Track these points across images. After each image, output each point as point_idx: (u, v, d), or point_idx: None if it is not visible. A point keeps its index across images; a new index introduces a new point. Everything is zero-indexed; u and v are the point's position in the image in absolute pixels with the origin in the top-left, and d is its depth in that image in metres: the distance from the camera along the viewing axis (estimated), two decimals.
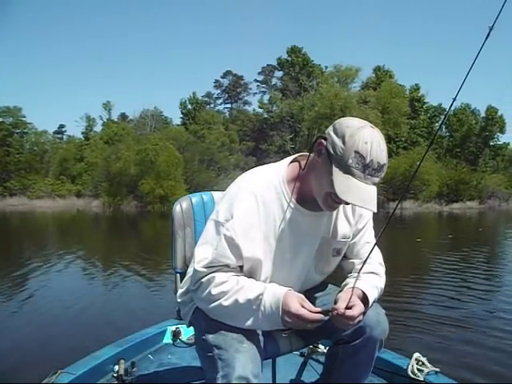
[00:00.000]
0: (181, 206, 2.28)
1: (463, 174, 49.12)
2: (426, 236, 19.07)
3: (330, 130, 1.70)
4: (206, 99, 65.64)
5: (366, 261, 1.74)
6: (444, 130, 60.00)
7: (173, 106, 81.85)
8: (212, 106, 66.38)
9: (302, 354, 2.87)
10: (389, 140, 51.47)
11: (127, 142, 45.85)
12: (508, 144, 60.35)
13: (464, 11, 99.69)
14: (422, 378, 2.44)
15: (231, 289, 1.67)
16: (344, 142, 1.62)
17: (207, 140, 49.89)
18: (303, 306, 1.65)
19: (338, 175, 1.63)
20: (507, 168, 58.32)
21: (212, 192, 2.40)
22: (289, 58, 59.17)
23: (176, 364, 2.85)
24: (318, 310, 1.66)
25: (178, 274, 2.19)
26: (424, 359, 2.58)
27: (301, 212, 1.83)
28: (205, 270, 1.70)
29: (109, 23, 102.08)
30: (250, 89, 67.55)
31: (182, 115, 60.41)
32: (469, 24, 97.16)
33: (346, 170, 1.62)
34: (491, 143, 58.09)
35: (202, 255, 1.74)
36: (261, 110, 60.83)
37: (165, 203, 41.07)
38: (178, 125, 58.62)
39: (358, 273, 1.76)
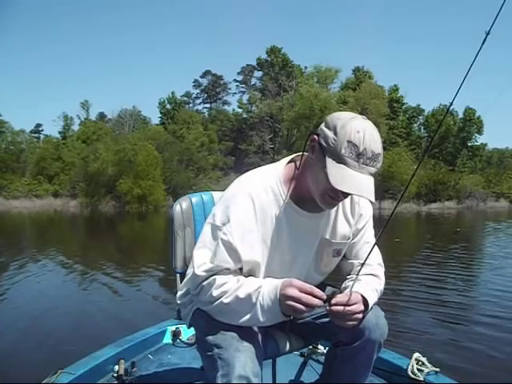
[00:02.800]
0: (180, 206, 2.28)
1: (441, 174, 49.58)
2: (405, 236, 19.07)
3: (322, 125, 1.69)
4: (185, 99, 65.52)
5: (364, 262, 1.74)
6: (422, 130, 60.53)
7: (152, 105, 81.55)
8: (191, 105, 66.26)
9: (302, 354, 2.86)
10: None
11: (105, 142, 45.62)
12: (485, 145, 61.07)
13: (443, 10, 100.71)
14: (421, 378, 2.43)
15: (231, 287, 1.66)
16: (336, 133, 1.61)
17: (186, 140, 49.75)
18: (301, 289, 1.60)
19: (331, 166, 1.61)
20: (484, 168, 59.05)
21: (212, 192, 2.41)
22: (268, 58, 59.29)
23: (176, 364, 2.84)
24: (319, 292, 1.61)
25: (178, 275, 2.21)
26: (424, 359, 2.57)
27: (299, 213, 1.81)
28: (205, 274, 1.69)
29: (87, 23, 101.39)
30: (230, 89, 67.54)
31: (160, 115, 60.26)
32: (450, 23, 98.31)
33: (340, 160, 1.60)
34: (469, 144, 58.67)
35: (201, 260, 1.72)
36: (240, 110, 60.93)
37: (143, 203, 41.01)
38: (156, 124, 58.49)
39: (357, 274, 1.76)
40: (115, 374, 2.58)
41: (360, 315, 1.68)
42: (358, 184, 1.59)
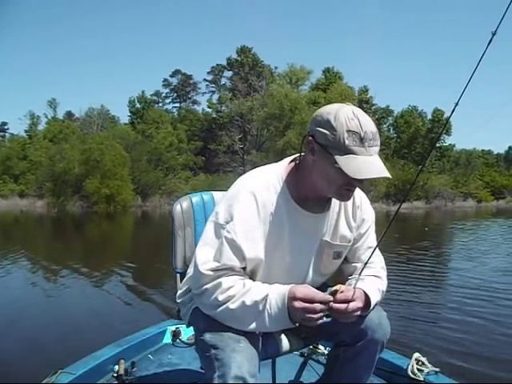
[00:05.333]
0: (181, 206, 2.29)
1: (410, 174, 49.94)
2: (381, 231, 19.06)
3: (313, 125, 1.71)
4: (155, 98, 65.04)
5: (366, 263, 1.76)
6: (391, 131, 61.00)
7: (122, 104, 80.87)
8: (160, 105, 65.82)
9: (302, 354, 2.86)
10: None
11: (71, 141, 45.07)
12: (454, 146, 61.79)
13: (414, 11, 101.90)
14: (421, 378, 2.45)
15: (238, 292, 1.67)
16: (332, 128, 1.63)
17: (155, 139, 49.28)
18: (305, 299, 1.63)
19: (342, 160, 1.61)
20: (453, 169, 59.80)
21: (212, 192, 2.43)
22: (238, 58, 59.11)
23: (176, 364, 2.85)
24: (322, 298, 1.65)
25: (178, 274, 2.22)
26: (424, 359, 2.59)
27: (300, 213, 1.82)
28: (210, 273, 1.69)
29: (55, 21, 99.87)
30: (199, 88, 67.24)
31: (130, 114, 59.57)
32: (420, 24, 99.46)
33: (347, 151, 1.61)
34: (437, 145, 59.27)
35: (205, 258, 1.72)
36: (210, 110, 60.42)
37: (111, 203, 40.60)
38: (125, 124, 57.97)
39: (359, 275, 1.78)
40: (115, 374, 2.60)
41: (358, 312, 1.72)
42: (373, 167, 1.63)
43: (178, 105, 67.76)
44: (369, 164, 1.62)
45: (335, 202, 1.89)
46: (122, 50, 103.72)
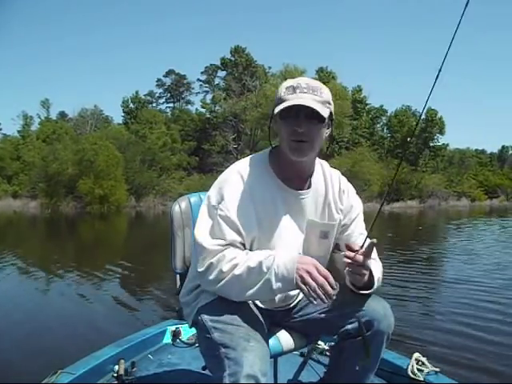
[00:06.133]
0: (179, 207, 2.30)
1: (404, 174, 50.03)
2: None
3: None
4: (149, 98, 64.87)
5: (362, 246, 1.77)
6: (385, 130, 61.12)
7: (116, 104, 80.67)
8: (154, 105, 65.57)
9: (302, 354, 2.85)
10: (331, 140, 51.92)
11: (64, 142, 44.85)
12: (447, 145, 61.98)
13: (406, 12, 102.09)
14: (421, 378, 2.47)
15: (242, 260, 1.72)
16: (277, 94, 1.84)
17: (149, 140, 49.11)
18: (319, 271, 1.69)
19: (277, 108, 1.78)
20: (446, 168, 59.99)
21: None
22: (232, 58, 58.98)
23: (176, 364, 2.86)
24: (333, 281, 1.70)
25: (178, 275, 2.24)
26: (424, 359, 2.60)
27: (286, 190, 1.89)
28: (213, 248, 1.74)
29: (48, 21, 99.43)
30: (193, 88, 67.01)
31: (123, 114, 59.42)
32: (412, 24, 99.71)
33: (281, 101, 1.79)
34: (431, 144, 59.44)
35: (205, 236, 1.78)
36: (203, 110, 60.17)
37: (105, 204, 40.40)
38: (119, 124, 57.79)
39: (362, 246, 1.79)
40: (115, 374, 2.61)
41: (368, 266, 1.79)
42: (297, 100, 1.75)
43: (171, 105, 67.69)
44: (295, 100, 1.75)
45: (319, 183, 1.98)
46: (116, 49, 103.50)
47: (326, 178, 2.02)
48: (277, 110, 1.76)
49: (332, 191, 2.00)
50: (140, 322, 5.60)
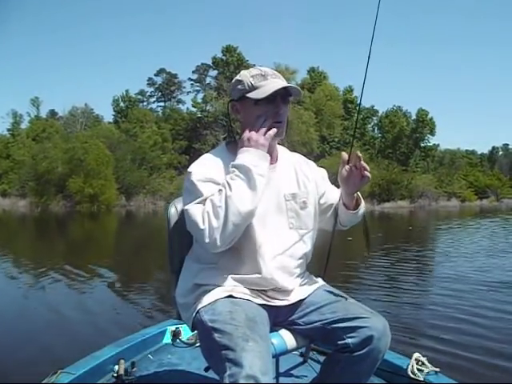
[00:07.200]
0: (176, 208, 2.29)
1: (394, 174, 50.28)
2: (357, 235, 19.10)
3: (230, 94, 2.04)
4: (140, 97, 64.75)
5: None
6: (376, 131, 61.32)
7: (106, 103, 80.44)
8: (145, 104, 65.47)
9: (301, 354, 2.82)
10: (322, 140, 52.11)
11: (54, 140, 44.79)
12: (438, 145, 62.29)
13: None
14: (421, 378, 2.46)
15: (221, 186, 1.80)
16: (239, 81, 1.96)
17: (139, 139, 49.09)
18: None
19: (254, 95, 1.90)
20: (437, 169, 60.29)
21: None
22: (224, 57, 58.93)
23: (176, 364, 2.86)
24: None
25: (175, 276, 2.20)
26: (424, 359, 2.59)
27: None
28: (198, 204, 1.80)
29: (38, 18, 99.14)
30: (184, 87, 66.77)
31: (114, 113, 59.45)
32: (403, 22, 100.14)
33: (253, 88, 1.91)
34: (422, 144, 59.75)
35: (187, 204, 1.84)
36: (194, 109, 59.98)
37: (95, 203, 40.35)
38: (109, 122, 57.69)
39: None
40: (115, 374, 2.60)
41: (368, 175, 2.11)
42: (277, 84, 1.90)
43: (162, 104, 67.46)
44: (275, 84, 1.89)
45: (284, 157, 2.10)
46: (107, 48, 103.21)
47: (289, 154, 2.17)
48: (258, 95, 1.88)
49: (298, 162, 2.14)
50: (138, 322, 5.57)
